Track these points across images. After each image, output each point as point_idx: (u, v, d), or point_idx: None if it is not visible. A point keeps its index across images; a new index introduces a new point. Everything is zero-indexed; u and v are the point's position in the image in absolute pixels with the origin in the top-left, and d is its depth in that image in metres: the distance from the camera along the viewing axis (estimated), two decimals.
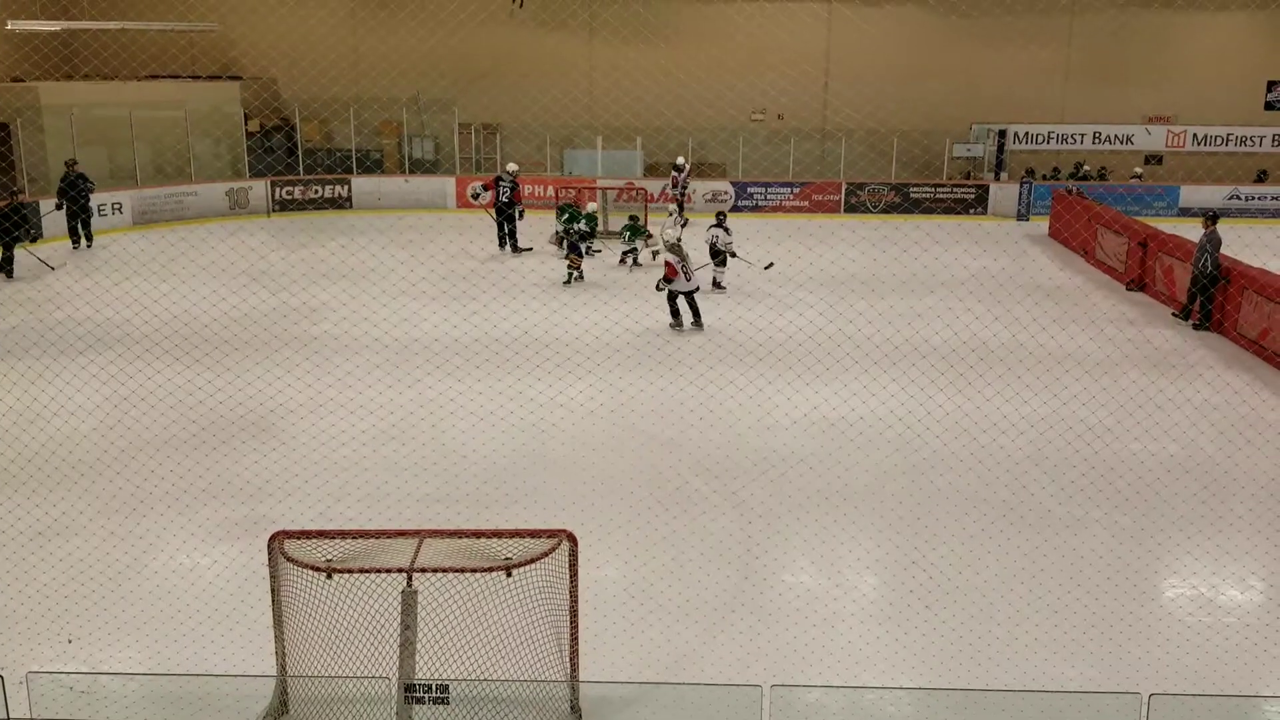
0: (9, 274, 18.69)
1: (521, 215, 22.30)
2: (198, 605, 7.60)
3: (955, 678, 6.90)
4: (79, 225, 21.67)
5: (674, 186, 25.43)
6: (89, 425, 11.13)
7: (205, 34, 28.58)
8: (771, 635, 7.38)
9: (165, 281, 16.60)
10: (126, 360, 12.58)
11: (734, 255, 18.14)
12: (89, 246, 21.74)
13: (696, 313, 15.76)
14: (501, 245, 22.27)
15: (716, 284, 18.30)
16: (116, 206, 23.98)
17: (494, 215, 22.35)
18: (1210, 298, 16.04)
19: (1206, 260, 16.07)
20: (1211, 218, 16.44)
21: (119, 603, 7.68)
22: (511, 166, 23.49)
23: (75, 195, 21.42)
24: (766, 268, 18.64)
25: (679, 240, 16.41)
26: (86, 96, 25.37)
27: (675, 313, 15.74)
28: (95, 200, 22.34)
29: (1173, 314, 17.04)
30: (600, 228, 23.02)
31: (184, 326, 14.40)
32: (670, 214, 22.79)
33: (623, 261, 20.23)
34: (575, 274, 18.81)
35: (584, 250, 19.79)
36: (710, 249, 18.25)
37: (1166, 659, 7.11)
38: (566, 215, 20.76)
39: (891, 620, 7.65)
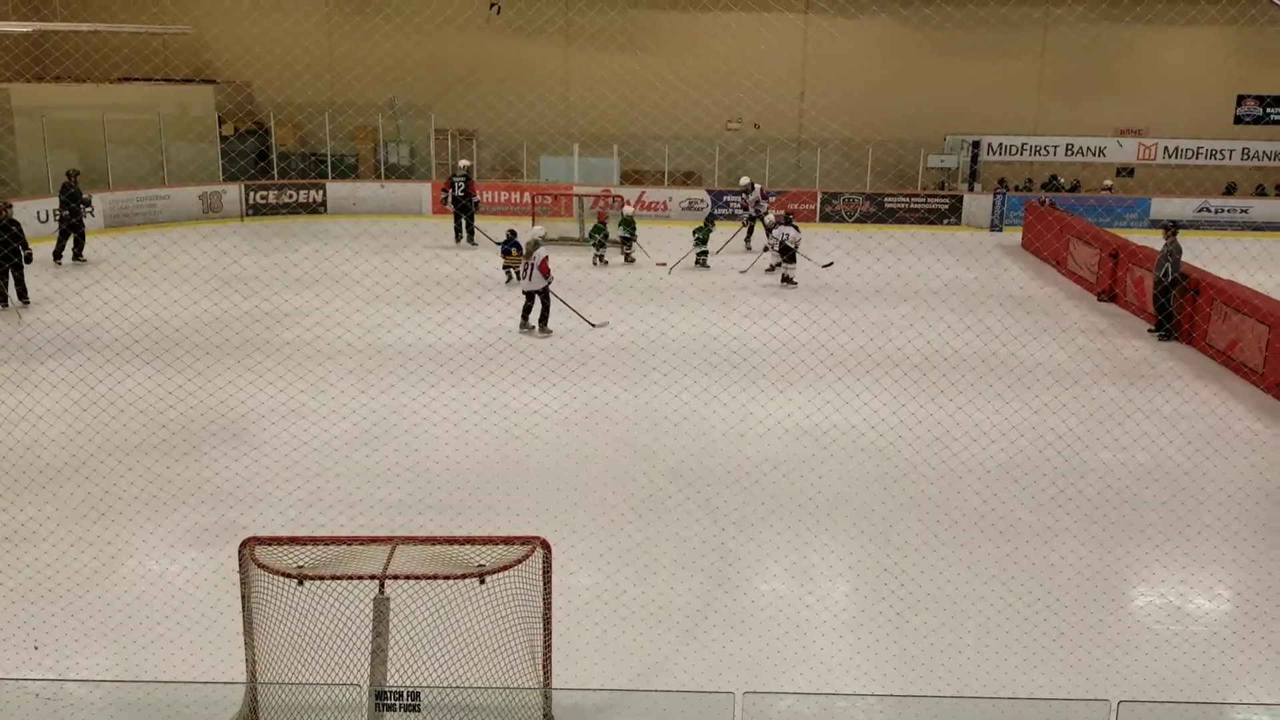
0: (6, 301, 16.77)
1: (477, 206, 23.86)
2: (167, 611, 7.53)
3: (926, 685, 6.93)
4: (72, 241, 20.63)
5: (743, 209, 24.36)
6: (57, 430, 11.01)
7: (179, 37, 28.39)
8: (744, 643, 7.39)
9: (136, 285, 16.44)
10: (95, 365, 12.47)
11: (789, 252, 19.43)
12: (76, 262, 20.74)
13: (545, 315, 15.92)
14: (458, 238, 23.57)
15: (787, 279, 19.56)
16: (88, 210, 23.73)
17: (453, 210, 23.80)
18: (1178, 307, 16.22)
19: (1168, 270, 16.29)
20: (1172, 228, 16.72)
21: (86, 609, 7.60)
22: (463, 163, 24.77)
23: (76, 208, 20.40)
24: (826, 266, 20.02)
25: (543, 237, 16.43)
26: (58, 98, 25.15)
27: (527, 311, 16.03)
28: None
29: (1149, 330, 17.11)
30: (580, 234, 23.27)
31: (154, 331, 14.27)
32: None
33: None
34: (511, 274, 19.39)
35: (626, 255, 21.69)
36: (780, 246, 19.60)
37: (1135, 666, 7.17)
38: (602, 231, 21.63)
39: (863, 628, 7.68)
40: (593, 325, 15.98)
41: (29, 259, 16.68)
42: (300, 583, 5.73)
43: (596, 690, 6.66)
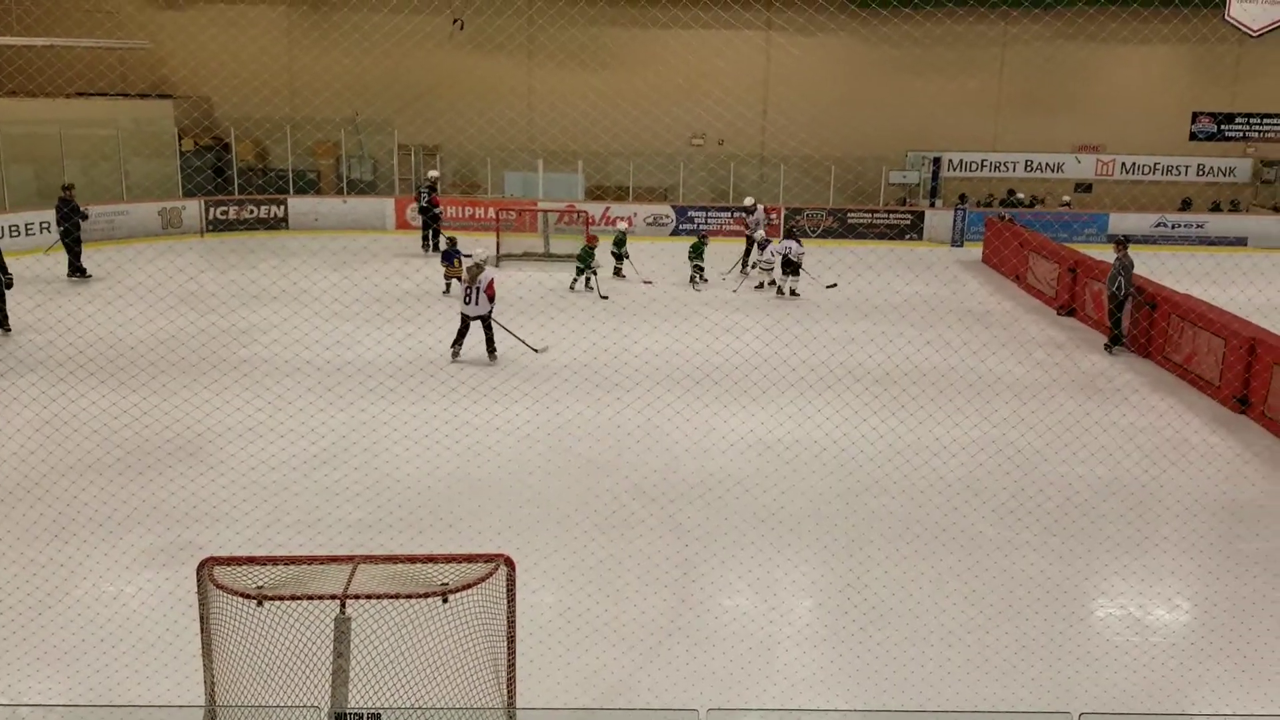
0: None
1: (436, 220, 24.22)
2: (123, 634, 7.40)
3: (890, 699, 6.95)
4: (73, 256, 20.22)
5: (745, 230, 23.59)
6: (9, 450, 10.83)
7: (136, 51, 28.12)
8: (708, 659, 7.37)
9: (91, 303, 16.25)
10: (49, 383, 12.29)
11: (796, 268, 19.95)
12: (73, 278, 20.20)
13: (490, 342, 14.99)
14: (424, 247, 23.97)
15: (792, 292, 20.15)
16: (44, 226, 23.41)
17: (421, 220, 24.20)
18: (1133, 321, 16.47)
19: (1120, 283, 16.55)
20: (1123, 243, 17.03)
21: (40, 632, 7.46)
22: (431, 173, 25.37)
23: (75, 223, 19.97)
24: (830, 286, 20.33)
25: (486, 260, 15.62)
26: (13, 113, 24.77)
27: (462, 337, 14.97)
28: (22, 218, 21.80)
29: (1105, 344, 17.29)
30: (544, 250, 23.30)
31: (109, 349, 14.08)
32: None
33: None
34: (450, 283, 19.55)
35: (618, 270, 21.49)
36: (783, 260, 20.10)
37: (1096, 679, 7.24)
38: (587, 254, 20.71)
39: (827, 643, 7.69)
40: (535, 351, 15.44)
41: (9, 284, 15.73)
42: (260, 603, 5.64)
43: (561, 709, 6.62)
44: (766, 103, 30.87)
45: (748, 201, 24.15)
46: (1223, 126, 30.89)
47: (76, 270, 20.19)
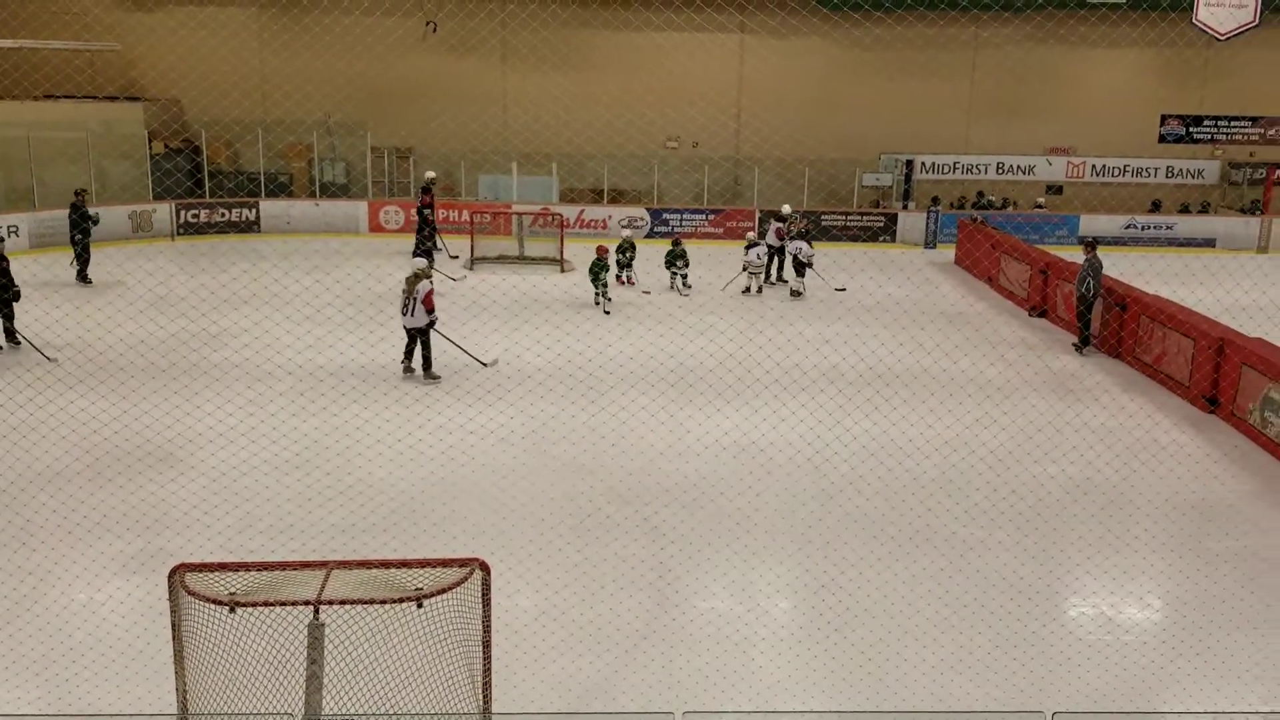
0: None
1: (428, 220, 23.30)
2: (93, 642, 7.31)
3: (865, 700, 6.97)
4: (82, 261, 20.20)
5: (778, 239, 22.71)
6: None
7: (105, 53, 27.85)
8: (684, 661, 7.37)
9: (59, 307, 16.07)
10: (16, 389, 12.14)
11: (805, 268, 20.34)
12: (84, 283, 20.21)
13: (427, 359, 14.29)
14: (419, 252, 23.18)
15: (794, 293, 20.51)
16: (13, 230, 23.17)
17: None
18: (1103, 322, 16.61)
19: (1089, 284, 16.70)
20: (1091, 244, 17.18)
21: (8, 640, 7.36)
22: (428, 174, 25.01)
23: (86, 228, 20.10)
24: (839, 290, 20.77)
25: (424, 269, 14.68)
26: None
27: (409, 353, 14.36)
28: None
29: (1074, 344, 17.43)
30: (519, 253, 23.26)
31: (79, 354, 13.95)
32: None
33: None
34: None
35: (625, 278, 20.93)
36: (794, 260, 20.53)
37: (1069, 677, 7.28)
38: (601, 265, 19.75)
39: (803, 644, 7.71)
40: (483, 364, 14.79)
41: (17, 297, 15.25)
42: (232, 610, 5.59)
43: (537, 714, 6.60)
44: (740, 105, 30.95)
45: (785, 210, 24.03)
46: (1191, 129, 31.25)
47: (81, 277, 20.08)
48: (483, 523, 9.59)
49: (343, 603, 5.64)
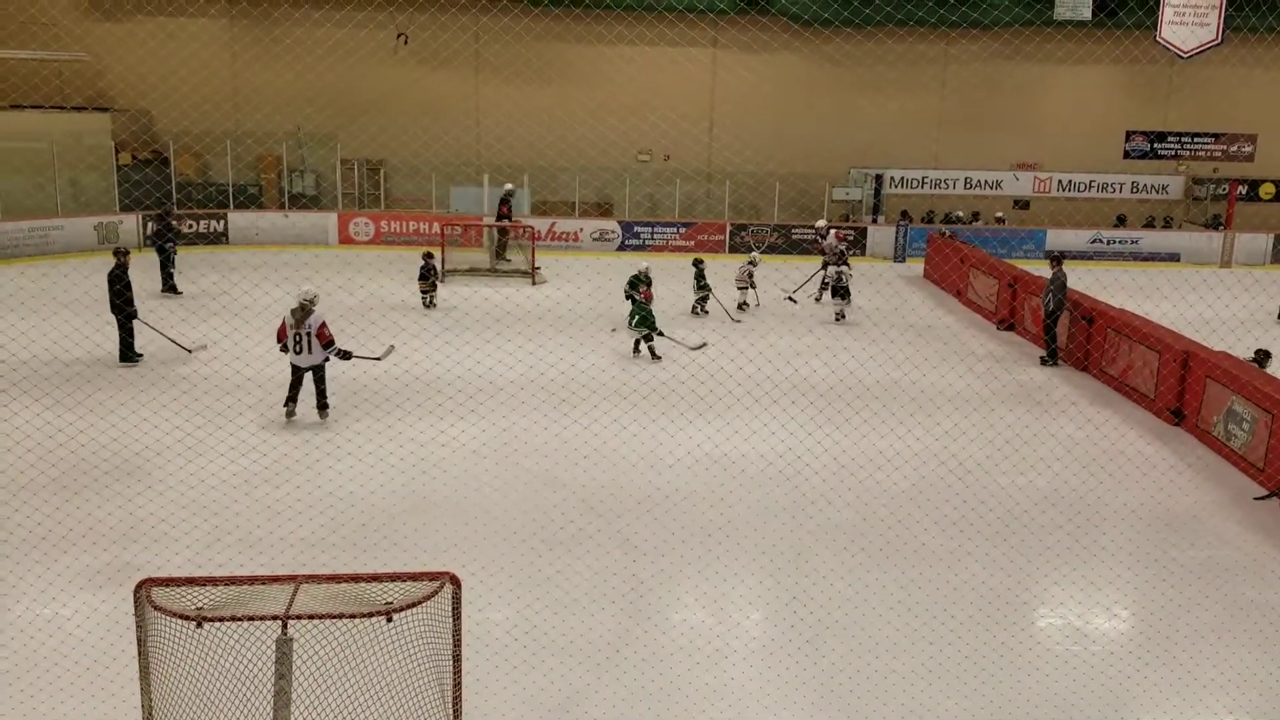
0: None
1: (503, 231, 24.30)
2: (58, 657, 7.21)
3: (837, 712, 6.98)
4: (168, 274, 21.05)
5: (823, 255, 22.59)
6: None
7: (73, 63, 27.62)
8: (657, 674, 7.36)
9: (24, 319, 15.87)
10: None
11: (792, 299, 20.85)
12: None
13: (322, 395, 12.68)
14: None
15: (840, 315, 20.02)
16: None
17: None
18: (1069, 335, 16.79)
19: (1051, 299, 16.88)
20: (1057, 259, 17.37)
21: None
22: (507, 186, 25.39)
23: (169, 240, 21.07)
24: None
25: (313, 299, 12.86)
26: None
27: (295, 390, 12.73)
28: None
29: (1040, 358, 17.54)
30: (490, 265, 23.31)
31: (44, 366, 13.79)
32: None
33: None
34: (426, 298, 19.97)
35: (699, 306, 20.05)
36: (834, 286, 20.16)
37: (1038, 688, 7.33)
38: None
39: (775, 656, 7.72)
40: (357, 357, 13.10)
41: (134, 314, 15.36)
42: (199, 625, 5.53)
43: None
44: (712, 119, 31.10)
45: (819, 224, 24.07)
46: (1155, 145, 31.74)
47: (169, 288, 20.87)
48: (454, 536, 9.54)
49: (311, 617, 5.59)
